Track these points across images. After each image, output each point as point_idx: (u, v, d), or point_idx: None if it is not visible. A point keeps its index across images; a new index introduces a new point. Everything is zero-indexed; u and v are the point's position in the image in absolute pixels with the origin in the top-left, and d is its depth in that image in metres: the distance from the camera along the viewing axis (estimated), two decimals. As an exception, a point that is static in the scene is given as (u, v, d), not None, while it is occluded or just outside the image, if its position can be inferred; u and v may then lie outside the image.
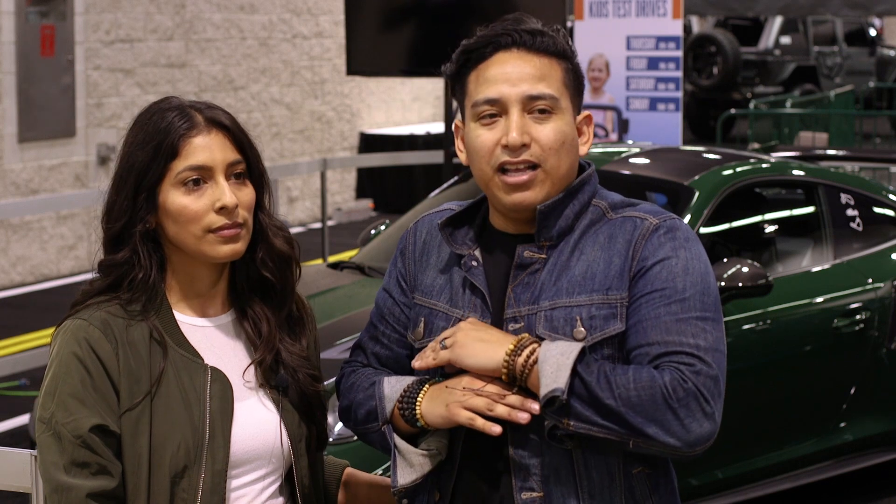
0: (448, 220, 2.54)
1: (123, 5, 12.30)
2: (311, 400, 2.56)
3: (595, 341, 2.36)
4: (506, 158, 2.42)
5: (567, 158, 2.45)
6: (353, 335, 5.31)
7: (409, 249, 2.61)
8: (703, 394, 2.28)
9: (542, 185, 2.43)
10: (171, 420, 2.42)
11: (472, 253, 2.50)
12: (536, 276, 2.43)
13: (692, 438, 2.28)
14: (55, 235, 11.66)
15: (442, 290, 2.53)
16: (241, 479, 2.48)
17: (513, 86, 2.43)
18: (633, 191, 6.31)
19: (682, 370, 2.29)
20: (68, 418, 2.38)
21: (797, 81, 21.80)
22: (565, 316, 2.38)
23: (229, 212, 2.43)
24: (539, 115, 2.43)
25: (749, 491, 5.75)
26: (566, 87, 2.46)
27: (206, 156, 2.45)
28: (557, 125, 2.43)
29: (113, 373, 2.41)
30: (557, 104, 2.44)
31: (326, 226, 10.30)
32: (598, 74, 10.72)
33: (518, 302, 2.42)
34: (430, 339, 2.49)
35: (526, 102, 2.43)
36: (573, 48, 2.51)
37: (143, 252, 2.46)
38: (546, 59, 2.46)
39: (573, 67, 2.49)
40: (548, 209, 2.43)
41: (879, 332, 6.09)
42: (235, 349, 2.53)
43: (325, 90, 14.95)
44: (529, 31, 2.47)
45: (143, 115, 2.50)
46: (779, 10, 16.23)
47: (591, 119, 2.54)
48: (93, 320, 2.43)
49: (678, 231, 2.42)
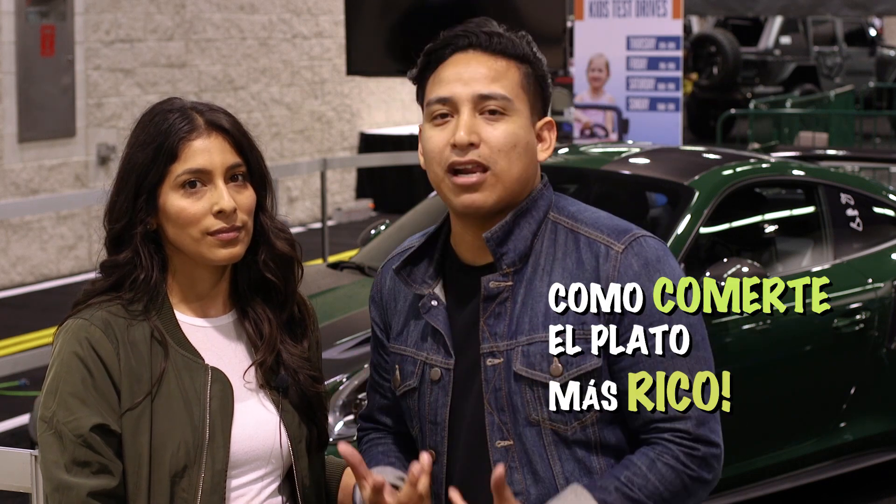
0: (404, 261, 2.51)
1: (123, 5, 12.30)
2: (312, 401, 2.56)
3: (572, 377, 2.35)
4: (455, 158, 2.39)
5: (519, 162, 2.40)
6: (353, 335, 5.32)
7: (377, 297, 2.60)
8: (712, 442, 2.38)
9: (492, 189, 2.38)
10: (172, 420, 2.42)
11: (432, 292, 2.47)
12: (506, 304, 2.41)
13: (715, 482, 2.41)
14: (55, 235, 11.66)
15: (409, 334, 2.52)
16: (240, 479, 2.48)
17: (465, 85, 2.40)
18: (633, 191, 6.31)
19: (683, 442, 2.36)
20: (69, 417, 2.39)
21: (797, 81, 21.79)
22: (542, 352, 2.36)
23: (227, 215, 2.44)
24: (490, 115, 2.39)
25: (749, 491, 5.75)
26: (523, 89, 2.43)
27: (205, 159, 2.45)
28: (509, 127, 2.39)
29: (114, 372, 2.41)
30: (511, 105, 2.40)
31: (326, 226, 10.30)
32: (598, 74, 10.72)
33: (494, 336, 2.40)
34: (406, 387, 2.49)
35: (477, 102, 2.39)
36: (538, 55, 2.47)
37: (145, 253, 2.46)
38: (503, 61, 2.43)
39: (535, 72, 2.45)
40: (496, 236, 2.40)
41: (879, 332, 6.08)
42: (236, 350, 2.54)
43: (325, 90, 14.95)
44: (487, 32, 2.44)
45: (145, 116, 2.50)
46: (779, 10, 16.22)
47: (554, 126, 2.48)
48: (94, 320, 2.43)
49: (646, 251, 2.39)
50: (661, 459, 2.35)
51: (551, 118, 2.49)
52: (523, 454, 2.39)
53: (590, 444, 2.39)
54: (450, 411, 2.45)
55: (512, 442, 2.39)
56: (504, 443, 2.40)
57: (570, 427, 2.37)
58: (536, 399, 2.37)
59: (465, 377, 2.44)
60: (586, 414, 2.37)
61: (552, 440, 2.38)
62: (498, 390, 2.39)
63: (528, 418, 2.38)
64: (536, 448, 2.38)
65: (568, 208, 2.47)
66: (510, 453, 2.40)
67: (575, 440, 2.38)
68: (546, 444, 2.38)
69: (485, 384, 2.41)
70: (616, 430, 2.40)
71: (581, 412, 2.36)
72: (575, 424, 2.37)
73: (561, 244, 2.42)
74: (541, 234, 2.44)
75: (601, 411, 2.37)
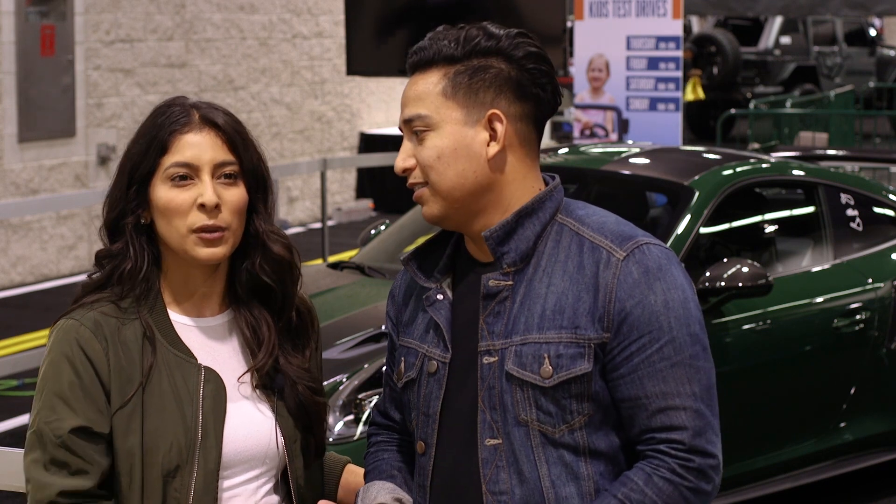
0: (413, 253, 2.54)
1: (123, 5, 12.30)
2: (310, 412, 2.55)
3: (561, 380, 2.36)
4: (408, 181, 2.45)
5: (450, 168, 2.41)
6: (353, 335, 5.31)
7: (396, 292, 2.63)
8: (709, 453, 2.37)
9: (433, 200, 2.43)
10: (164, 419, 2.43)
11: (439, 286, 2.49)
12: (506, 304, 2.41)
13: (715, 492, 2.41)
14: (55, 235, 11.66)
15: (416, 327, 2.53)
16: (234, 479, 2.48)
17: (401, 110, 2.46)
18: (633, 191, 6.32)
19: (679, 454, 2.35)
20: (51, 417, 2.41)
21: (797, 81, 21.80)
22: (534, 353, 2.37)
23: (209, 211, 2.43)
24: (418, 136, 2.43)
25: (749, 491, 5.75)
26: (446, 96, 2.41)
27: (194, 153, 2.46)
28: (432, 142, 2.41)
29: (103, 373, 2.42)
30: (430, 120, 2.41)
31: (326, 226, 10.30)
32: (598, 74, 10.72)
33: (492, 334, 2.41)
34: (407, 378, 2.51)
35: (407, 125, 2.44)
36: (481, 46, 2.41)
37: (135, 244, 2.47)
38: (430, 74, 2.43)
39: (469, 68, 2.42)
40: (496, 235, 2.42)
41: (879, 332, 6.09)
42: (230, 350, 2.54)
43: (325, 90, 14.95)
44: (417, 49, 2.47)
45: (152, 111, 2.53)
46: (779, 10, 16.23)
47: (499, 116, 2.41)
48: (84, 321, 2.44)
49: (648, 259, 2.38)
50: (658, 473, 2.34)
51: (495, 109, 2.41)
52: (511, 454, 2.39)
53: (578, 448, 2.38)
54: (442, 404, 2.45)
55: (501, 441, 2.39)
56: (493, 441, 2.40)
57: (557, 429, 2.37)
58: (526, 399, 2.37)
59: (460, 372, 2.45)
60: (574, 417, 2.37)
61: (540, 441, 2.38)
62: (492, 388, 2.40)
63: (517, 418, 2.38)
64: (524, 449, 2.38)
65: (576, 211, 2.47)
66: (498, 452, 2.40)
67: (563, 443, 2.38)
68: (534, 445, 2.38)
69: (480, 381, 2.41)
70: (606, 436, 2.40)
71: (569, 415, 2.37)
72: (563, 427, 2.37)
73: (565, 247, 2.42)
74: (546, 236, 2.43)
75: (589, 416, 2.37)
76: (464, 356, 2.44)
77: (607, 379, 2.37)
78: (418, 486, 2.50)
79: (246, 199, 2.49)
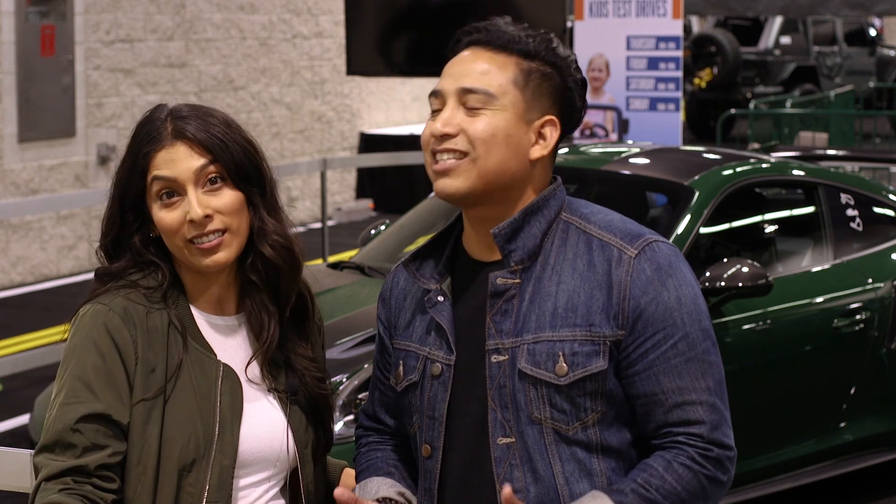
0: (413, 255, 2.54)
1: (123, 5, 12.30)
2: (319, 402, 2.56)
3: (577, 378, 2.36)
4: (433, 147, 2.43)
5: (499, 152, 2.41)
6: (353, 335, 5.32)
7: (386, 294, 2.62)
8: (726, 445, 2.41)
9: (466, 174, 2.40)
10: (184, 413, 2.43)
11: (440, 287, 2.49)
12: (513, 302, 2.42)
13: (729, 483, 2.45)
14: (55, 235, 11.66)
15: (415, 330, 2.53)
16: (246, 479, 2.49)
17: (454, 80, 2.44)
18: (633, 191, 6.32)
19: (698, 444, 2.38)
20: (70, 400, 2.39)
21: (797, 81, 21.79)
22: (548, 351, 2.37)
23: (199, 224, 2.44)
24: (471, 110, 2.42)
25: (749, 491, 5.75)
26: (517, 85, 2.43)
27: (170, 170, 2.45)
28: (490, 120, 2.41)
29: (129, 361, 2.42)
30: (493, 101, 2.41)
31: (326, 226, 10.30)
32: (598, 74, 10.72)
33: (500, 333, 2.41)
34: (408, 381, 2.50)
35: (461, 95, 2.42)
36: (557, 53, 2.47)
37: (146, 259, 2.49)
38: (503, 56, 2.45)
39: (542, 70, 2.45)
40: (504, 233, 2.42)
41: (879, 332, 6.09)
42: (246, 350, 2.54)
43: (325, 90, 14.95)
44: (490, 28, 2.47)
45: (135, 127, 2.53)
46: (779, 10, 16.22)
47: (555, 123, 2.47)
48: (113, 306, 2.44)
49: (658, 256, 2.41)
50: (678, 460, 2.37)
51: (553, 116, 2.47)
52: (524, 452, 2.39)
53: (591, 445, 2.39)
54: (448, 407, 2.45)
55: (514, 439, 2.40)
56: (506, 440, 2.40)
57: (571, 427, 2.38)
58: (539, 398, 2.38)
59: (466, 373, 2.44)
60: (588, 415, 2.38)
61: (553, 439, 2.38)
62: (502, 387, 2.40)
63: (530, 416, 2.38)
64: (538, 447, 2.39)
65: (581, 209, 2.48)
66: (511, 451, 2.40)
67: (576, 440, 2.38)
68: (547, 443, 2.38)
69: (489, 381, 2.41)
70: (618, 433, 2.41)
71: (583, 412, 2.37)
72: (576, 424, 2.38)
73: (572, 245, 2.43)
74: (551, 234, 2.45)
75: (602, 413, 2.38)
76: (468, 357, 2.44)
77: (621, 376, 2.39)
78: (425, 489, 2.49)
79: (238, 198, 2.48)
